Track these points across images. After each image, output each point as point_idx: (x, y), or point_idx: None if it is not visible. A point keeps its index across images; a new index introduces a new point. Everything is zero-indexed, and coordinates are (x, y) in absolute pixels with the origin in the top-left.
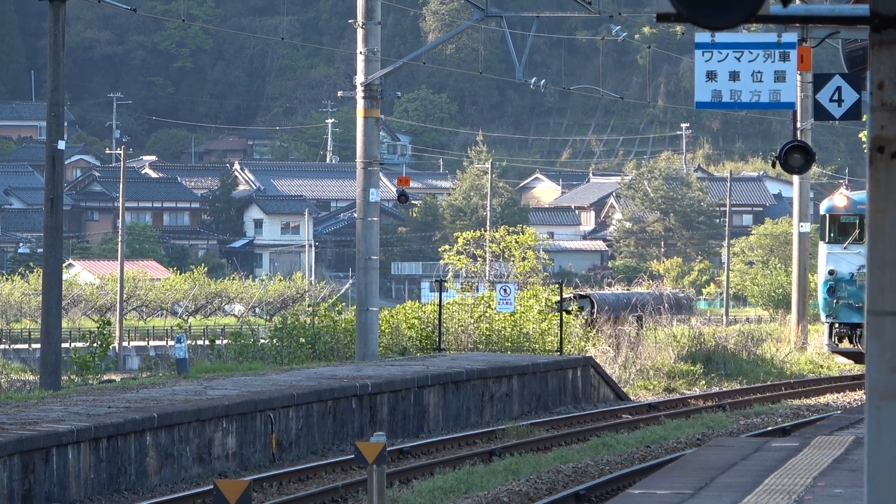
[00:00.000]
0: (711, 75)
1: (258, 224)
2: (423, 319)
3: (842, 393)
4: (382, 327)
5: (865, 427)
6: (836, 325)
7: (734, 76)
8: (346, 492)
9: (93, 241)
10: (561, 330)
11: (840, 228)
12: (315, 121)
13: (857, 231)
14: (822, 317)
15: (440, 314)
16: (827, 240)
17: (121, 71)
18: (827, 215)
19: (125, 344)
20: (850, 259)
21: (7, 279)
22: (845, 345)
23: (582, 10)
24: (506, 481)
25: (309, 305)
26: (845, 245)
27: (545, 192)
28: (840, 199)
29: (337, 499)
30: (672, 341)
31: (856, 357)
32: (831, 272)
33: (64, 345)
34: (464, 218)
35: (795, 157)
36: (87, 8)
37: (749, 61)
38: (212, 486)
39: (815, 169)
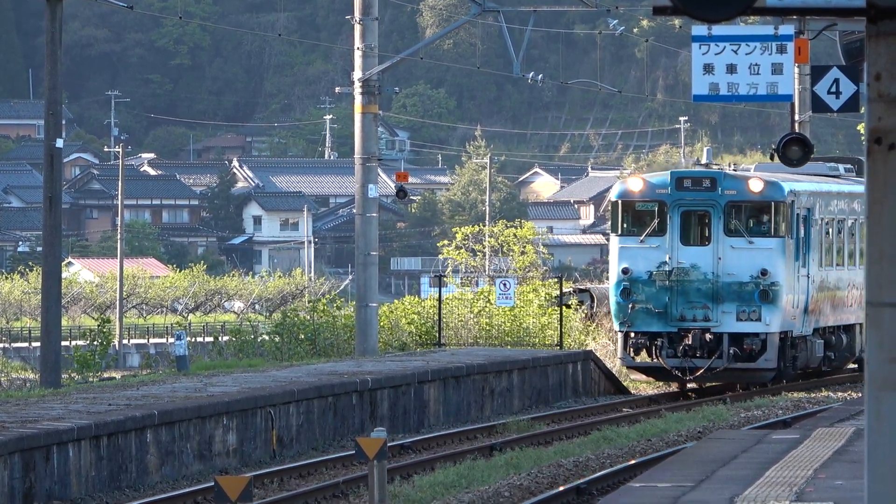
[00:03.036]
0: (709, 68)
1: (257, 221)
2: (423, 315)
3: (842, 385)
4: (382, 323)
5: (866, 418)
6: (632, 334)
7: (731, 69)
8: (347, 487)
9: (92, 239)
10: (561, 324)
11: (635, 217)
12: (313, 117)
13: (656, 221)
14: (615, 324)
15: (440, 309)
16: (619, 231)
17: (118, 69)
18: (619, 202)
19: (125, 341)
20: (647, 254)
21: (7, 278)
22: (643, 358)
23: (579, 4)
24: (507, 476)
25: (308, 301)
26: (642, 238)
27: (544, 186)
28: (635, 182)
29: (338, 494)
30: None
31: (656, 373)
32: (625, 271)
33: (64, 343)
34: (463, 213)
35: (794, 150)
36: (83, 6)
37: (746, 54)
38: (213, 483)
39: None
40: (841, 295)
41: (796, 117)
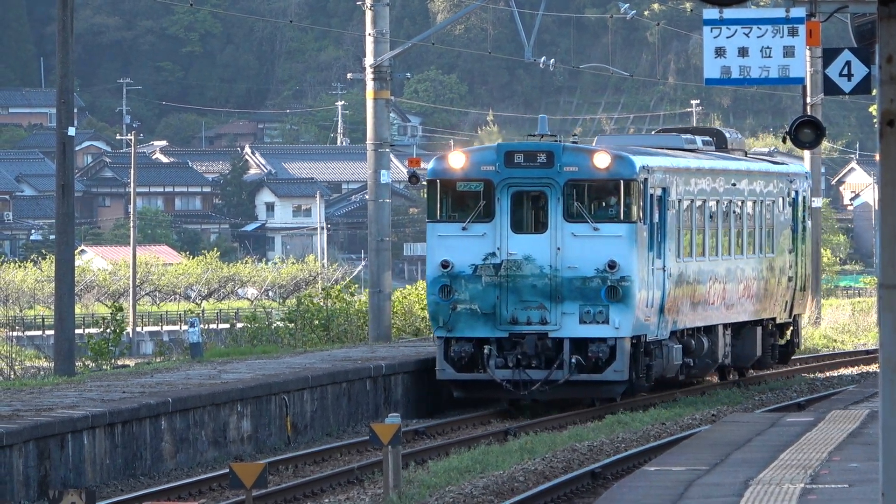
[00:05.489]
0: (720, 51)
1: (270, 207)
2: None
3: (856, 367)
4: (395, 308)
5: (880, 400)
6: (454, 340)
7: (743, 52)
8: (361, 473)
9: (105, 227)
10: None
11: (456, 200)
12: (325, 103)
13: (481, 204)
14: (433, 328)
15: None
16: (438, 217)
17: (130, 56)
18: (436, 182)
19: (139, 329)
20: (471, 245)
21: (20, 266)
22: (469, 371)
23: None
24: (521, 460)
25: (322, 288)
26: (465, 224)
27: None
28: (456, 158)
29: (352, 480)
30: None
31: (484, 388)
32: (445, 264)
33: (77, 331)
34: None
35: (806, 133)
36: None
37: (758, 37)
38: (227, 470)
39: (825, 144)
40: (702, 291)
41: (808, 100)
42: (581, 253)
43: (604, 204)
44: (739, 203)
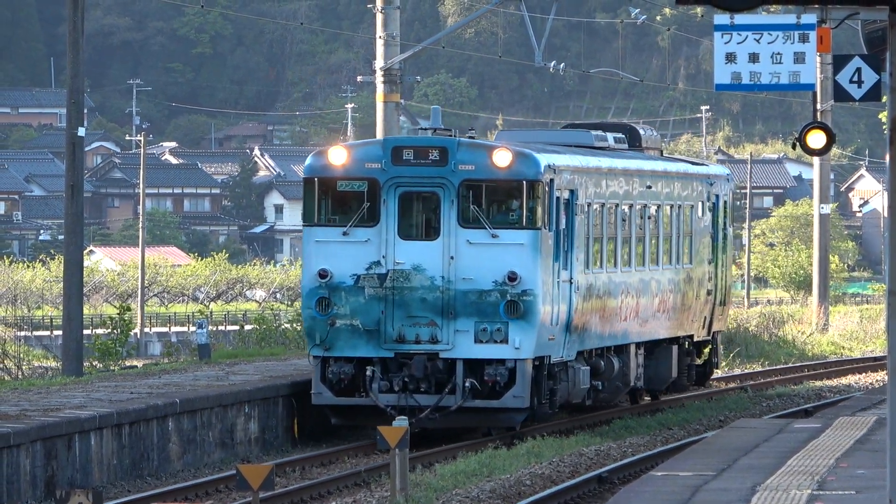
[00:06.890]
0: (731, 57)
1: (279, 209)
2: None
3: (864, 374)
4: None
5: (888, 407)
6: (332, 360)
7: (754, 58)
8: (368, 476)
9: (113, 228)
10: None
11: (337, 201)
12: (335, 106)
13: (365, 206)
14: (308, 346)
15: None
16: (315, 220)
17: (140, 57)
18: (314, 180)
19: (147, 330)
20: (353, 252)
21: (28, 266)
22: (350, 395)
23: None
24: (528, 464)
25: None
26: (346, 229)
27: None
28: (336, 153)
29: (360, 483)
30: None
31: (366, 416)
32: (322, 274)
33: (85, 331)
34: None
35: (815, 139)
36: None
37: (768, 43)
38: (234, 471)
39: (834, 150)
40: (613, 306)
41: (818, 106)
42: (477, 263)
43: (504, 208)
44: (655, 208)
